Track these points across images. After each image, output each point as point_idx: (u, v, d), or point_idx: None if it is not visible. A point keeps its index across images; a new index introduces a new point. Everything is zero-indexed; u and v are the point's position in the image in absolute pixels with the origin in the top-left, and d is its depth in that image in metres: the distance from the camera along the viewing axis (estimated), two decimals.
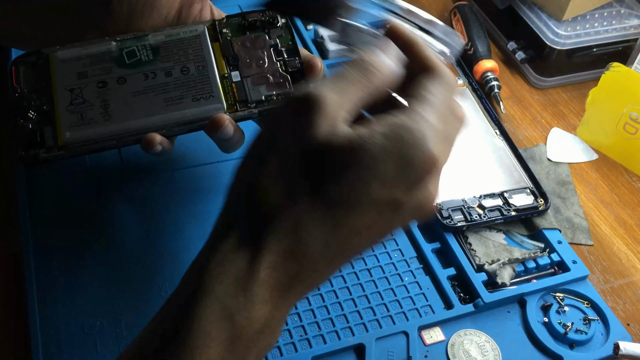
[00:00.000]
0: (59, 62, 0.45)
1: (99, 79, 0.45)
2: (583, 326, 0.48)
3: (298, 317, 0.47)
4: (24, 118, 0.43)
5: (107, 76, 0.45)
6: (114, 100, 0.44)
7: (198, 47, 0.47)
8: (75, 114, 0.44)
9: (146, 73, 0.46)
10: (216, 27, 0.48)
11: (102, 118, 0.44)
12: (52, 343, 0.43)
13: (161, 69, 0.46)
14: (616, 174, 0.63)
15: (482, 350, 0.46)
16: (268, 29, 0.48)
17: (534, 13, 0.71)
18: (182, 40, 0.47)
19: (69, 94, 0.44)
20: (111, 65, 0.46)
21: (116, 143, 0.44)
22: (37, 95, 0.44)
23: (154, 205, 0.52)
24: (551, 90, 0.72)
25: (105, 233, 0.50)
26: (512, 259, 0.51)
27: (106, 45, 0.46)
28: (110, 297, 0.46)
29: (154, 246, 0.50)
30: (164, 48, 0.47)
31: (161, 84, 0.45)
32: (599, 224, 0.58)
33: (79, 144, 0.43)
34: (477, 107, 0.62)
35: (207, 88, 0.46)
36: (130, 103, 0.44)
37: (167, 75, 0.46)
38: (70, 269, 0.47)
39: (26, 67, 0.45)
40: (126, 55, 0.46)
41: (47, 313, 0.45)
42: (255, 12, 0.49)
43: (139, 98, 0.45)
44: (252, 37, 0.48)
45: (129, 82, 0.45)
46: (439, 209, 0.53)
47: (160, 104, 0.45)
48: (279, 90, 0.46)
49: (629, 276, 0.54)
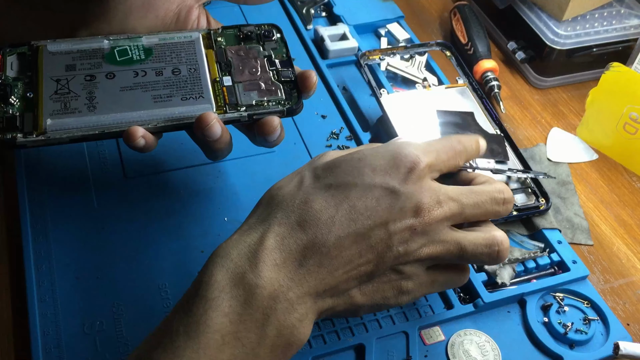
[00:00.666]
0: (48, 54, 0.46)
1: (88, 72, 0.45)
2: (583, 326, 0.48)
3: None
4: (4, 103, 0.44)
5: (96, 70, 0.45)
6: (101, 93, 0.45)
7: (191, 51, 0.47)
8: (58, 102, 0.44)
9: (136, 71, 0.46)
10: (211, 36, 0.49)
11: (86, 109, 0.44)
12: (52, 343, 0.43)
13: (152, 68, 0.46)
14: (616, 174, 0.63)
15: (482, 350, 0.46)
16: (263, 42, 0.49)
17: (534, 13, 0.71)
18: (176, 44, 0.47)
19: (54, 83, 0.45)
20: (101, 61, 0.46)
21: (98, 134, 0.43)
22: (22, 83, 0.45)
23: (154, 205, 0.52)
24: (551, 90, 0.72)
25: (105, 233, 0.50)
26: (512, 259, 0.51)
27: (98, 42, 0.47)
28: (111, 297, 0.46)
29: (154, 246, 0.50)
30: (157, 50, 0.47)
31: (151, 82, 0.46)
32: (599, 224, 0.58)
33: (59, 131, 0.43)
34: (477, 107, 0.62)
35: (197, 89, 0.46)
36: (117, 97, 0.45)
37: (158, 75, 0.46)
38: (70, 269, 0.48)
39: (14, 55, 0.46)
40: (117, 53, 0.46)
41: (47, 313, 0.45)
42: (252, 25, 0.50)
43: (127, 93, 0.45)
44: (247, 47, 0.49)
45: (118, 77, 0.45)
46: None
47: (147, 100, 0.45)
48: (270, 97, 0.46)
49: (629, 276, 0.54)
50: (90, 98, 0.44)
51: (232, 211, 0.53)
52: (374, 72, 0.65)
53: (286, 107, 0.46)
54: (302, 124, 0.61)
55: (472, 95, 0.63)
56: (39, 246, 0.48)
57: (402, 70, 0.66)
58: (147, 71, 0.46)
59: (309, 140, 0.59)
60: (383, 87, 0.63)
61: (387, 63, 0.66)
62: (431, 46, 0.67)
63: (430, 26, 0.79)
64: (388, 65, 0.66)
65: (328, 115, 0.62)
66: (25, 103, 0.44)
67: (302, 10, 0.73)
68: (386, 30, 0.73)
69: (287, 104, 0.46)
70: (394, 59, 0.66)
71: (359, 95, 0.66)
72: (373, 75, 0.64)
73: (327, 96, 0.64)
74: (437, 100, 0.62)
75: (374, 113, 0.63)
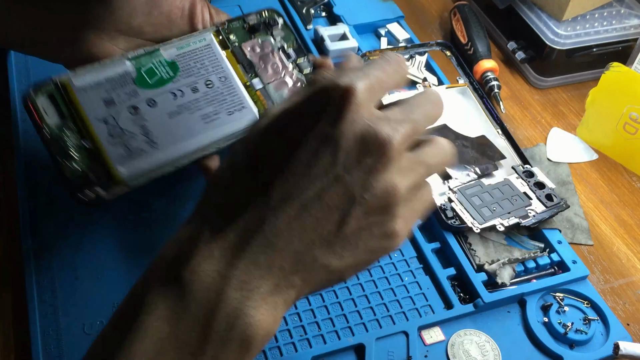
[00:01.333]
0: (80, 91, 0.43)
1: (129, 104, 0.44)
2: (583, 326, 0.48)
3: (298, 317, 0.47)
4: (66, 158, 0.41)
5: (135, 100, 0.44)
6: (153, 125, 0.43)
7: (212, 57, 0.47)
8: (119, 146, 0.42)
9: (173, 92, 0.45)
10: (221, 33, 0.48)
11: (149, 147, 0.43)
12: (52, 343, 0.43)
13: (186, 85, 0.45)
14: (616, 174, 0.63)
15: (482, 350, 0.46)
16: (270, 30, 0.49)
17: (534, 13, 0.71)
18: (195, 51, 0.47)
19: (103, 125, 0.43)
20: (135, 88, 0.44)
21: (171, 168, 0.43)
22: (71, 132, 0.42)
23: (154, 205, 0.52)
24: (551, 90, 0.72)
25: (105, 233, 0.50)
26: (512, 259, 0.51)
27: (121, 65, 0.45)
28: (111, 297, 0.46)
29: (154, 246, 0.50)
30: (181, 62, 0.46)
31: (192, 100, 0.45)
32: (599, 224, 0.58)
33: (137, 179, 0.42)
34: (478, 106, 0.62)
35: (236, 99, 0.45)
36: (169, 126, 0.44)
37: (194, 92, 0.45)
38: (70, 269, 0.48)
39: (44, 98, 0.43)
40: (146, 75, 0.45)
41: (47, 313, 0.45)
42: (253, 14, 0.49)
43: (177, 119, 0.44)
44: (259, 41, 0.48)
45: (160, 103, 0.44)
46: (443, 209, 0.53)
47: (199, 122, 0.44)
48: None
49: (629, 276, 0.54)
50: (146, 133, 0.43)
51: None
52: None
53: None
54: None
55: (473, 95, 0.63)
56: (39, 246, 0.48)
57: None
58: (183, 90, 0.45)
59: None
60: None
61: None
62: (431, 46, 0.67)
63: (430, 26, 0.79)
64: None
65: None
66: (86, 154, 0.42)
67: (302, 10, 0.73)
68: (386, 30, 0.73)
69: None
70: None
71: None
72: None
73: None
74: None
75: None
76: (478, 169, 0.56)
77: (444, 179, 0.55)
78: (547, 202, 0.54)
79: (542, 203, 0.54)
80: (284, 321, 0.46)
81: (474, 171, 0.56)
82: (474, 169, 0.56)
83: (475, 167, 0.56)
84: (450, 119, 0.61)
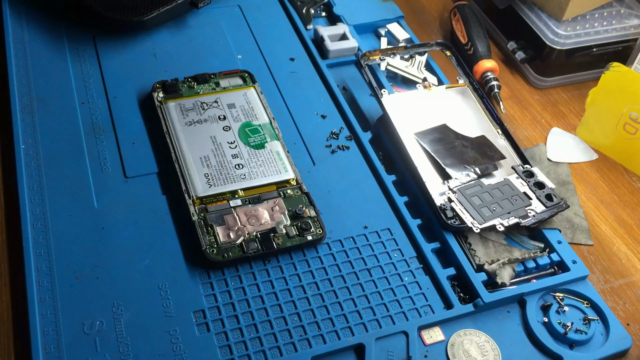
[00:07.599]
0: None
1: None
2: (583, 326, 0.48)
3: (298, 317, 0.47)
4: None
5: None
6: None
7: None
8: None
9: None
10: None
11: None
12: (52, 343, 0.43)
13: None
14: (616, 174, 0.63)
15: (482, 350, 0.46)
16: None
17: (534, 13, 0.71)
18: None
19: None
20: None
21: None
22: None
23: (154, 205, 0.52)
24: (551, 90, 0.72)
25: (105, 233, 0.50)
26: (512, 259, 0.51)
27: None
28: (110, 297, 0.46)
29: (154, 246, 0.50)
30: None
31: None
32: (599, 224, 0.58)
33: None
34: (478, 107, 0.62)
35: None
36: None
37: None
38: (70, 269, 0.47)
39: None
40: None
41: (47, 313, 0.45)
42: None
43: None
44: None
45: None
46: (443, 209, 0.53)
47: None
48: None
49: (629, 276, 0.54)
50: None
51: None
52: (374, 72, 0.65)
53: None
54: (302, 123, 0.61)
55: (473, 95, 0.64)
56: (39, 246, 0.48)
57: (402, 70, 0.67)
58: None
59: (309, 140, 0.59)
60: (383, 88, 0.63)
61: (387, 63, 0.66)
62: (431, 46, 0.67)
63: (430, 26, 0.79)
64: (388, 65, 0.66)
65: (328, 115, 0.62)
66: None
67: (302, 10, 0.73)
68: (386, 30, 0.73)
69: None
70: (394, 59, 0.66)
71: (359, 95, 0.66)
72: (373, 76, 0.64)
73: (327, 96, 0.64)
74: (437, 100, 0.62)
75: (374, 113, 0.63)
76: (478, 169, 0.56)
77: (444, 179, 0.55)
78: (547, 202, 0.54)
79: (542, 203, 0.54)
80: (284, 321, 0.46)
81: (474, 171, 0.56)
82: (474, 169, 0.56)
83: (475, 167, 0.56)
84: (450, 119, 0.61)
